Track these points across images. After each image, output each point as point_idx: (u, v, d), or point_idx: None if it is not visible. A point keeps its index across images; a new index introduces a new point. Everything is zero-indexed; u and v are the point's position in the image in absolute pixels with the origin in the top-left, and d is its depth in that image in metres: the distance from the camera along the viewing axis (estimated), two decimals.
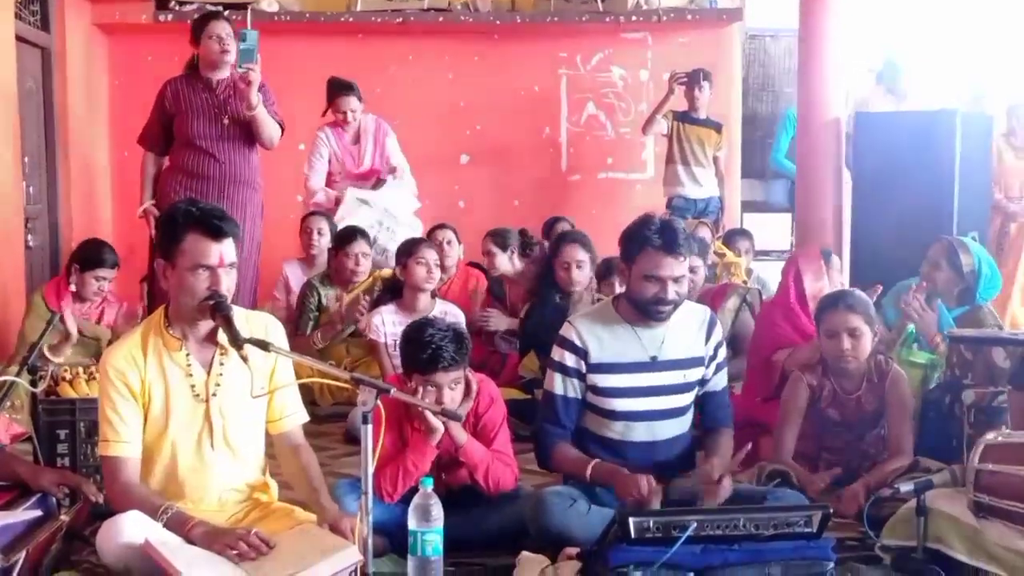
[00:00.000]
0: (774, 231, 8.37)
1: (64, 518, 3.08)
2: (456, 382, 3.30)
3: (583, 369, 3.40)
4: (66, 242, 6.89)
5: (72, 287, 5.13)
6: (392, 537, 3.08)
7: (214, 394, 2.96)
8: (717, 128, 7.35)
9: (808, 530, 2.86)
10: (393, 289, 5.23)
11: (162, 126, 5.20)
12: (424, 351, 3.23)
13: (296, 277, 6.14)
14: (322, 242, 6.12)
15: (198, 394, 2.95)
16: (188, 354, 2.95)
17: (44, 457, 3.67)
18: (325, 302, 5.58)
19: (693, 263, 4.93)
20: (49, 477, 3.25)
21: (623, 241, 3.42)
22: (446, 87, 7.84)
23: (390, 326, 5.07)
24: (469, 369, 3.41)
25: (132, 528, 2.74)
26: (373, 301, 5.38)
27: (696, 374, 3.47)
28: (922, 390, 4.16)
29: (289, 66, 5.22)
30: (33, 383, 3.77)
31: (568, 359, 3.41)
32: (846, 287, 4.79)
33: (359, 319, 5.34)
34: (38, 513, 3.06)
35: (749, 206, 8.57)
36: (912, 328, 4.46)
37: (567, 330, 3.45)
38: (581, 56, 8.04)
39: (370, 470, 2.64)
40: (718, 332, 3.51)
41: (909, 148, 6.25)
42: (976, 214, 6.32)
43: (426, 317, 3.61)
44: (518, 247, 6.05)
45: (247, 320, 2.96)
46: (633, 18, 7.75)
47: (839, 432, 3.88)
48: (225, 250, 2.90)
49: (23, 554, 2.78)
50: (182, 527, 2.80)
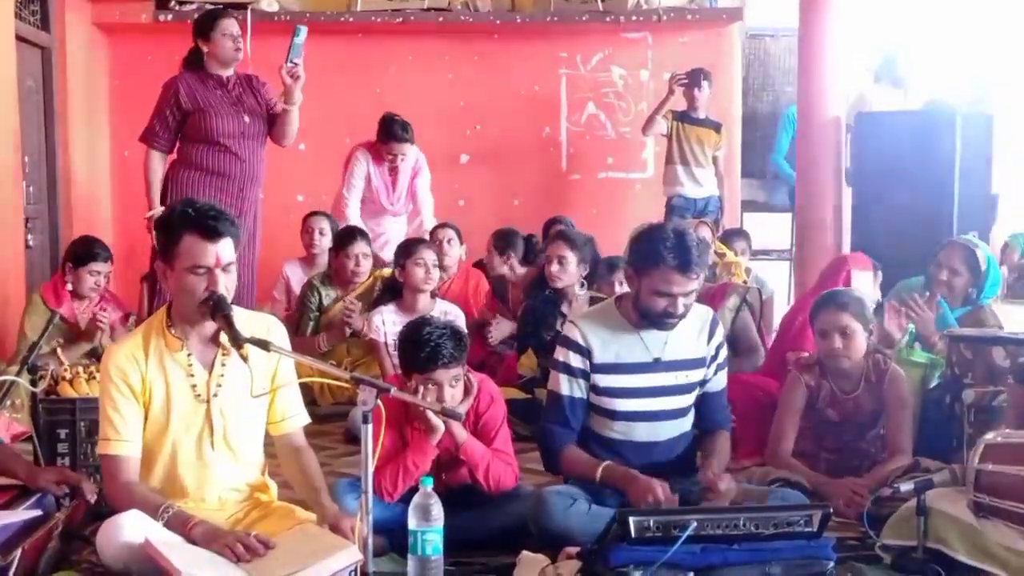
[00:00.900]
0: (774, 231, 8.38)
1: (60, 516, 3.07)
2: (456, 380, 3.30)
3: (588, 369, 3.40)
4: (66, 242, 6.86)
5: (69, 286, 5.13)
6: (392, 536, 3.08)
7: (215, 394, 2.96)
8: (716, 128, 7.36)
9: (808, 529, 2.86)
10: (393, 289, 5.23)
11: (173, 123, 5.08)
12: (423, 349, 3.23)
13: (297, 277, 6.14)
14: (323, 242, 6.12)
15: (199, 394, 2.95)
16: (190, 354, 2.96)
17: (44, 456, 3.67)
18: (326, 302, 5.57)
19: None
20: (49, 475, 3.25)
21: (634, 251, 3.38)
22: (446, 87, 7.85)
23: (390, 326, 5.08)
24: (468, 368, 3.41)
25: (132, 528, 2.74)
26: (373, 301, 5.38)
27: (698, 375, 3.47)
28: (922, 390, 4.15)
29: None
30: (33, 383, 3.77)
31: (573, 359, 3.40)
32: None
33: (350, 320, 5.34)
34: (37, 512, 3.06)
35: (749, 206, 8.57)
36: (912, 328, 4.45)
37: (571, 330, 3.44)
38: (581, 56, 8.04)
39: (370, 469, 2.64)
40: (719, 333, 3.51)
41: (909, 148, 6.25)
42: (976, 214, 6.32)
43: (422, 316, 3.61)
44: (521, 253, 6.04)
45: (249, 320, 2.95)
46: (633, 18, 7.75)
47: (838, 432, 3.88)
48: (222, 250, 2.89)
49: (18, 552, 2.77)
50: (182, 526, 2.80)
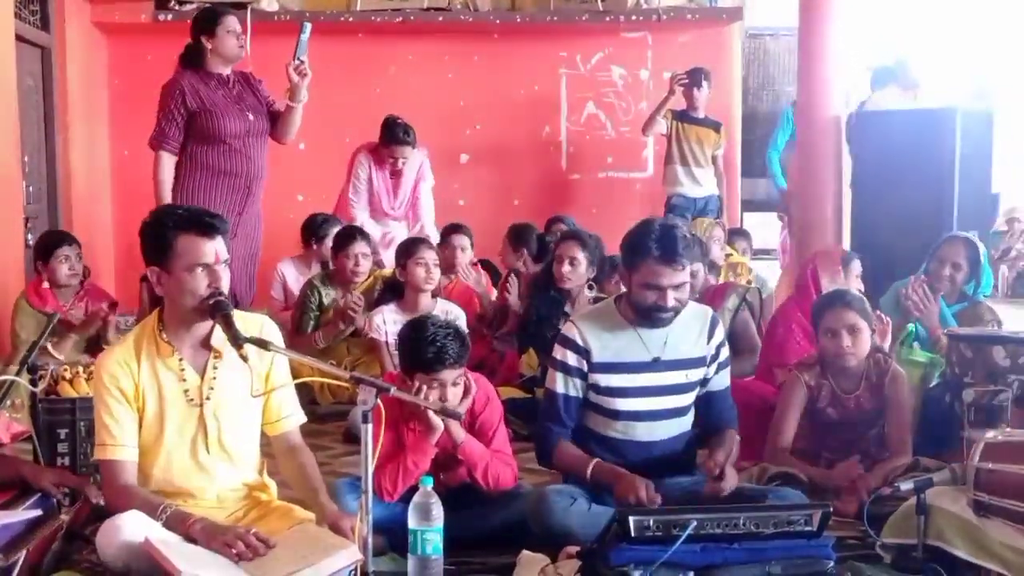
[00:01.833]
0: (774, 230, 8.38)
1: (64, 518, 3.08)
2: (459, 379, 3.30)
3: (585, 368, 3.40)
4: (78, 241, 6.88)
5: (46, 283, 5.15)
6: (392, 536, 3.07)
7: (208, 398, 2.96)
8: (716, 127, 7.36)
9: (808, 529, 2.86)
10: (394, 288, 5.23)
11: (182, 124, 4.99)
12: (428, 349, 3.22)
13: (292, 276, 6.16)
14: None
15: (192, 399, 2.96)
16: (181, 359, 2.96)
17: (44, 456, 3.67)
18: (326, 302, 5.57)
19: (693, 266, 4.90)
20: (49, 477, 3.25)
21: (623, 248, 3.41)
22: (446, 86, 7.85)
23: (391, 325, 5.08)
24: (465, 368, 3.41)
25: (132, 527, 2.74)
26: (375, 300, 5.38)
27: (698, 374, 3.47)
28: (922, 389, 4.16)
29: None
30: (33, 382, 3.77)
31: (570, 358, 3.41)
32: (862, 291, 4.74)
33: (354, 317, 5.35)
34: (38, 513, 3.05)
35: (749, 205, 8.57)
36: (912, 327, 4.45)
37: (569, 329, 3.44)
38: (581, 55, 8.05)
39: (370, 469, 2.64)
40: (720, 332, 3.51)
41: (909, 146, 6.24)
42: (976, 212, 6.32)
43: (424, 315, 3.60)
44: (535, 250, 6.04)
45: (243, 320, 2.95)
46: (633, 17, 7.75)
47: (838, 432, 3.89)
48: (219, 247, 2.90)
49: (23, 554, 2.77)
50: (182, 524, 2.80)
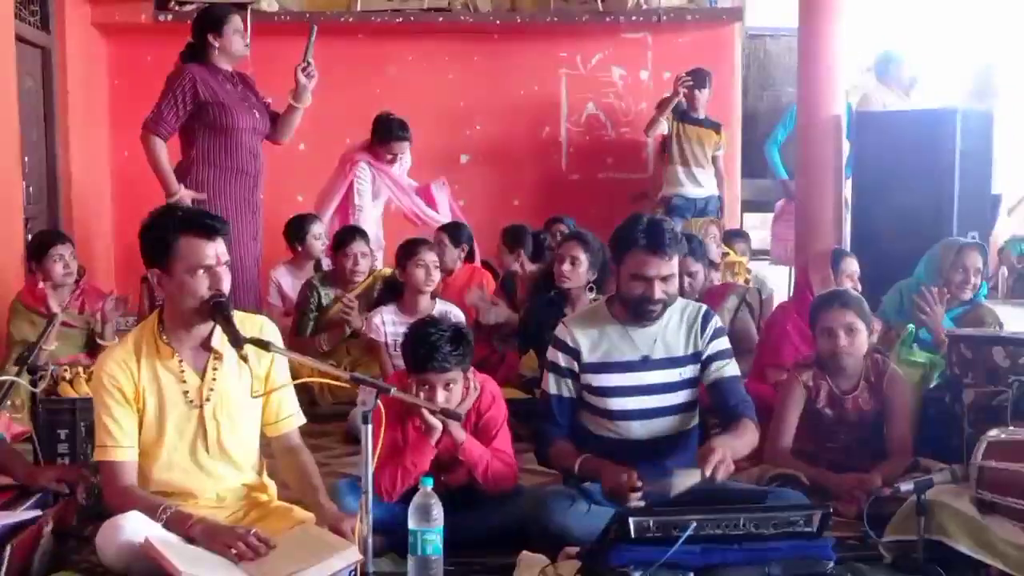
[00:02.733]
0: None
1: (48, 512, 3.06)
2: (452, 383, 3.28)
3: (575, 369, 3.42)
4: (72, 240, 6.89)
5: (40, 283, 5.16)
6: (392, 536, 3.07)
7: (207, 399, 2.96)
8: (716, 128, 7.36)
9: (808, 529, 2.86)
10: (394, 289, 5.23)
11: (183, 113, 4.94)
12: (419, 350, 3.23)
13: (287, 282, 6.18)
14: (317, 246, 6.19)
15: (191, 400, 2.96)
16: (181, 360, 2.96)
17: (44, 457, 3.68)
18: (325, 302, 5.58)
19: (692, 267, 4.91)
20: (48, 474, 3.26)
21: (612, 241, 3.42)
22: (446, 87, 7.84)
23: (390, 326, 5.08)
24: (472, 369, 3.40)
25: (132, 528, 2.75)
26: (374, 301, 5.38)
27: (692, 371, 3.46)
28: (922, 389, 4.16)
29: (289, 66, 5.21)
30: (33, 383, 3.77)
31: (561, 359, 3.43)
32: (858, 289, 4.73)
33: (349, 316, 5.35)
34: (37, 513, 3.06)
35: (749, 206, 8.57)
36: (912, 328, 4.45)
37: (561, 330, 3.46)
38: (581, 56, 8.04)
39: (370, 470, 2.64)
40: (714, 325, 3.48)
41: (909, 147, 6.24)
42: (977, 213, 6.32)
43: (431, 316, 3.60)
44: (531, 250, 6.04)
45: (242, 321, 2.95)
46: (633, 18, 7.75)
47: (837, 432, 3.89)
48: (220, 249, 2.91)
49: (7, 551, 2.77)
50: (182, 525, 2.80)
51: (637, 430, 3.43)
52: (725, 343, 3.53)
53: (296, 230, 6.22)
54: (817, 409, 3.88)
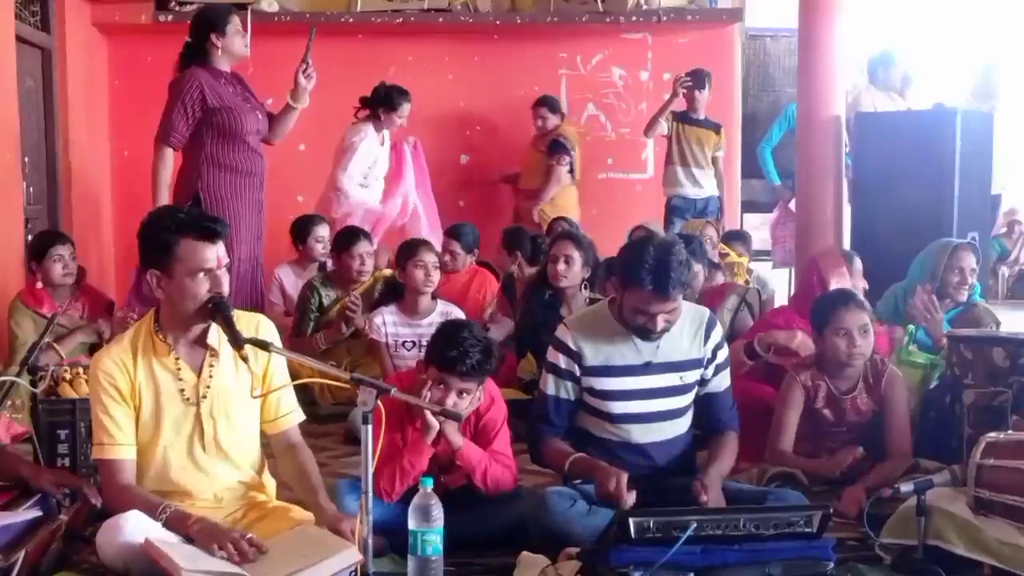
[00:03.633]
0: None
1: (63, 518, 3.08)
2: (466, 392, 3.27)
3: (576, 372, 3.41)
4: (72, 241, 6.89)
5: (39, 284, 5.15)
6: (392, 537, 3.07)
7: (204, 397, 2.96)
8: (716, 129, 7.37)
9: (808, 530, 2.86)
10: (394, 290, 5.23)
11: (193, 121, 4.93)
12: (451, 349, 3.22)
13: (290, 281, 6.16)
14: (325, 248, 6.17)
15: (188, 397, 2.96)
16: (178, 358, 2.96)
17: (44, 457, 3.67)
18: (326, 303, 5.58)
19: (692, 267, 4.89)
20: (50, 478, 3.25)
21: (617, 263, 3.40)
22: (446, 87, 7.85)
23: (391, 327, 5.08)
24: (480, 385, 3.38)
25: (132, 527, 2.75)
26: (375, 302, 5.38)
27: (693, 376, 3.46)
28: (922, 390, 4.15)
29: (289, 67, 5.21)
30: (33, 383, 3.77)
31: (561, 361, 3.42)
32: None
33: (352, 317, 5.35)
34: (38, 513, 3.06)
35: (749, 206, 8.57)
36: (912, 328, 4.45)
37: (562, 332, 3.45)
38: (581, 56, 8.05)
39: (370, 470, 2.64)
40: (717, 333, 3.50)
41: (909, 147, 6.24)
42: (977, 213, 6.32)
43: (469, 321, 3.57)
44: (529, 252, 6.03)
45: (238, 319, 2.94)
46: (633, 18, 7.75)
47: (836, 433, 3.88)
48: (220, 251, 2.91)
49: (22, 554, 2.77)
50: (181, 524, 2.80)
51: (637, 433, 3.43)
52: (724, 354, 3.53)
53: (300, 230, 6.21)
54: (816, 409, 3.88)
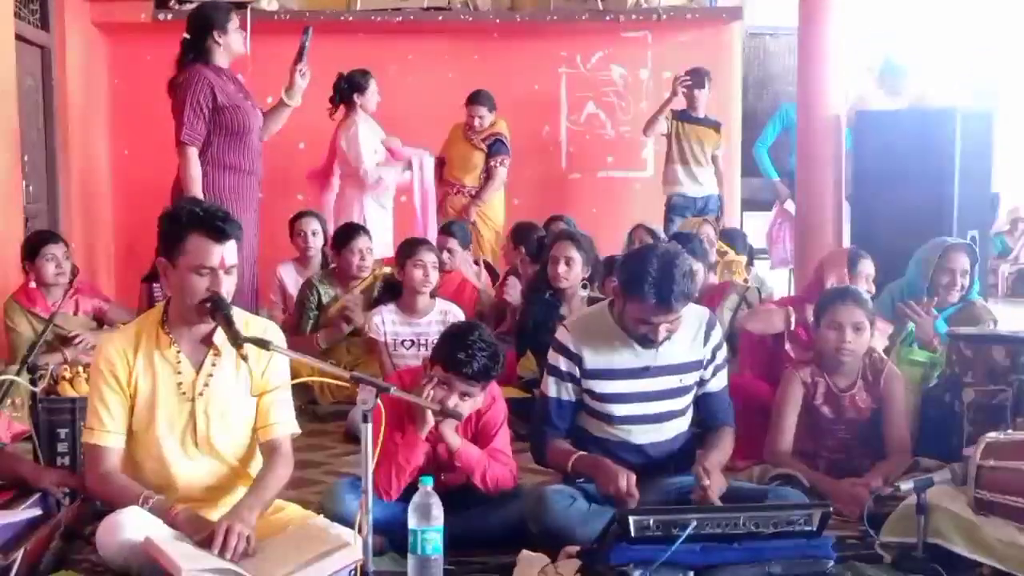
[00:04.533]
0: None
1: (62, 516, 3.08)
2: (468, 396, 3.26)
3: (577, 374, 3.40)
4: (66, 240, 6.89)
5: (33, 283, 5.15)
6: (392, 536, 3.07)
7: (200, 393, 2.95)
8: (716, 127, 7.37)
9: (808, 528, 2.86)
10: (393, 289, 5.22)
11: (207, 119, 4.87)
12: (460, 351, 3.21)
13: (291, 279, 6.16)
14: (316, 242, 6.16)
15: (184, 392, 2.95)
16: (179, 352, 2.96)
17: (44, 456, 3.67)
18: (325, 301, 5.57)
19: (693, 266, 4.89)
20: (51, 477, 3.26)
21: (620, 272, 3.39)
22: (446, 86, 7.83)
23: (390, 325, 5.08)
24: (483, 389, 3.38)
25: (132, 525, 2.75)
26: (374, 300, 5.38)
27: (693, 378, 3.46)
28: (922, 388, 4.16)
29: (288, 66, 5.21)
30: (33, 382, 3.77)
31: (562, 363, 3.41)
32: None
33: (351, 316, 5.35)
34: (37, 512, 3.06)
35: (749, 204, 8.57)
36: (912, 326, 4.45)
37: (562, 334, 3.44)
38: (581, 55, 8.05)
39: (370, 469, 2.64)
40: (717, 334, 3.50)
41: (909, 146, 6.24)
42: (977, 212, 6.32)
43: (480, 324, 3.56)
44: (533, 249, 6.02)
45: (246, 324, 2.95)
46: (633, 17, 7.76)
47: (835, 431, 3.89)
48: (227, 252, 2.89)
49: (21, 552, 2.78)
50: (165, 515, 2.80)
51: (637, 434, 3.43)
52: (724, 353, 3.53)
53: (292, 224, 6.22)
54: (815, 407, 3.88)
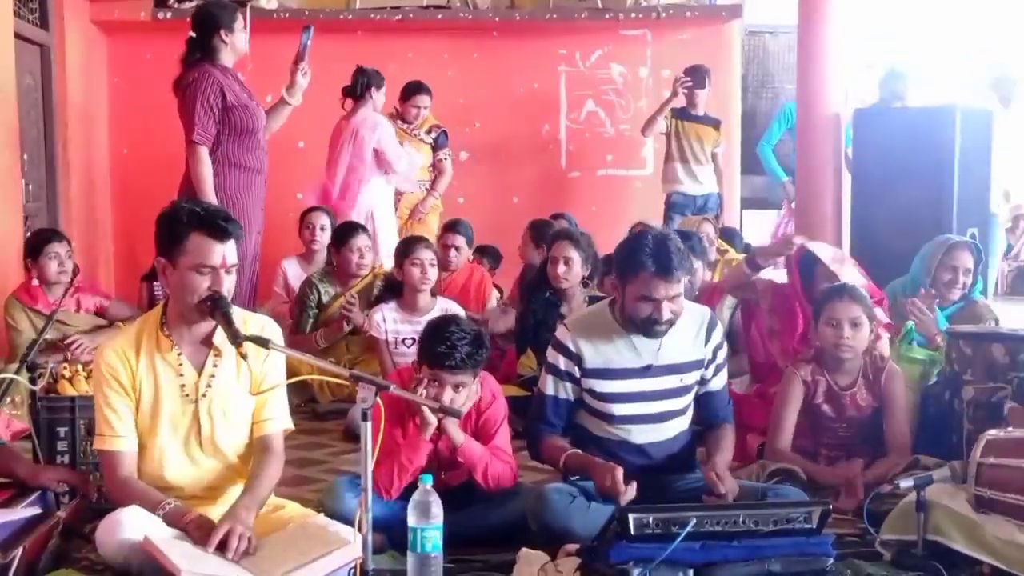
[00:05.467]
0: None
1: (61, 515, 3.08)
2: (461, 386, 3.27)
3: (576, 373, 3.40)
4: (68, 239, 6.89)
5: (35, 281, 5.16)
6: (392, 534, 3.07)
7: (203, 395, 2.95)
8: (716, 125, 7.37)
9: (808, 526, 2.86)
10: (393, 287, 5.23)
11: (217, 118, 4.84)
12: (439, 346, 3.23)
13: (295, 273, 6.16)
14: (324, 237, 6.15)
15: (187, 394, 2.95)
16: (180, 354, 2.96)
17: (44, 454, 3.67)
18: (325, 299, 5.58)
19: (692, 265, 4.91)
20: (50, 474, 3.26)
21: (616, 259, 3.40)
22: (445, 85, 7.82)
23: (391, 323, 5.08)
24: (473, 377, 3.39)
25: (131, 524, 2.75)
26: (374, 299, 5.38)
27: (693, 377, 3.46)
28: (921, 386, 4.16)
29: (288, 65, 5.21)
30: (32, 380, 3.77)
31: (561, 362, 3.41)
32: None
33: (350, 313, 5.35)
34: (37, 510, 3.06)
35: (749, 202, 8.58)
36: (911, 324, 4.46)
37: (562, 333, 3.44)
38: (580, 53, 8.05)
39: (370, 467, 2.64)
40: (718, 333, 3.50)
41: (909, 144, 6.24)
42: (976, 210, 6.32)
43: (455, 315, 3.58)
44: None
45: (244, 322, 2.94)
46: (632, 15, 7.76)
47: (835, 428, 3.89)
48: (228, 252, 2.89)
49: (20, 550, 2.78)
50: (179, 520, 2.80)
51: (637, 434, 3.43)
52: (724, 352, 3.54)
53: (301, 219, 6.23)
54: (815, 405, 3.88)
